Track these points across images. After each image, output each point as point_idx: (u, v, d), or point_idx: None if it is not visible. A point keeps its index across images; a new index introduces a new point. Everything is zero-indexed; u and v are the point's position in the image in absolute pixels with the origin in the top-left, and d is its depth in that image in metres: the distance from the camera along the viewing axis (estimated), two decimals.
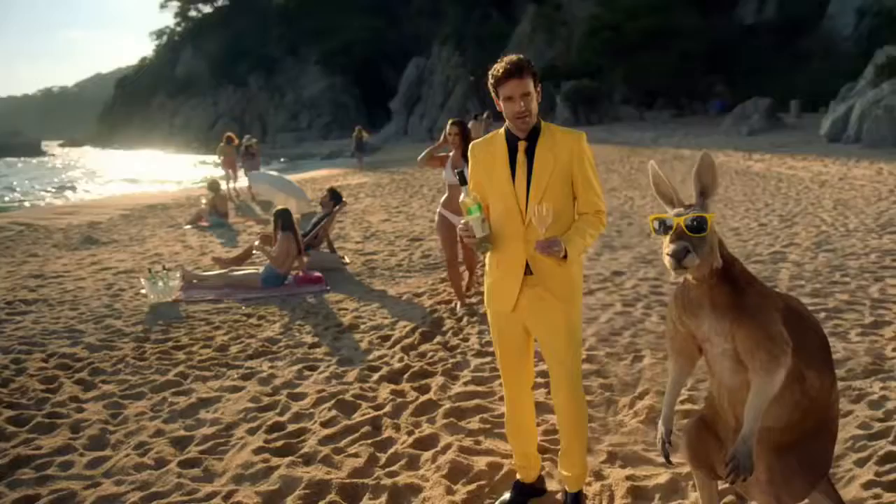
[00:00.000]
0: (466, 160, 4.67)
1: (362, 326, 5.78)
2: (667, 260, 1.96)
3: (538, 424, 3.46)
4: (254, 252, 8.11)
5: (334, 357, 5.06)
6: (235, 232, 12.03)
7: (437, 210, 6.29)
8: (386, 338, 5.40)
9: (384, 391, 4.34)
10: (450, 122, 6.20)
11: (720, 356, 2.08)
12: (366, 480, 3.23)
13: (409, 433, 3.73)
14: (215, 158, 20.22)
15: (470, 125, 6.70)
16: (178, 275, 7.18)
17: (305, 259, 7.79)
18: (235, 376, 4.78)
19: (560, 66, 45.69)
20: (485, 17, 56.59)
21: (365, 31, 64.65)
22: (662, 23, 40.66)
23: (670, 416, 2.28)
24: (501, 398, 3.83)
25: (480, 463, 3.31)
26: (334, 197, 8.70)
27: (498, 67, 2.60)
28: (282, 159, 44.99)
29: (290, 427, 3.91)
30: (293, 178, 18.56)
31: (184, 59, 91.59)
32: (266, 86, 74.94)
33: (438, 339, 5.33)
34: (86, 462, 3.62)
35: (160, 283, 6.94)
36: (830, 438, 2.16)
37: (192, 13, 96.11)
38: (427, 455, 3.46)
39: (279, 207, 7.99)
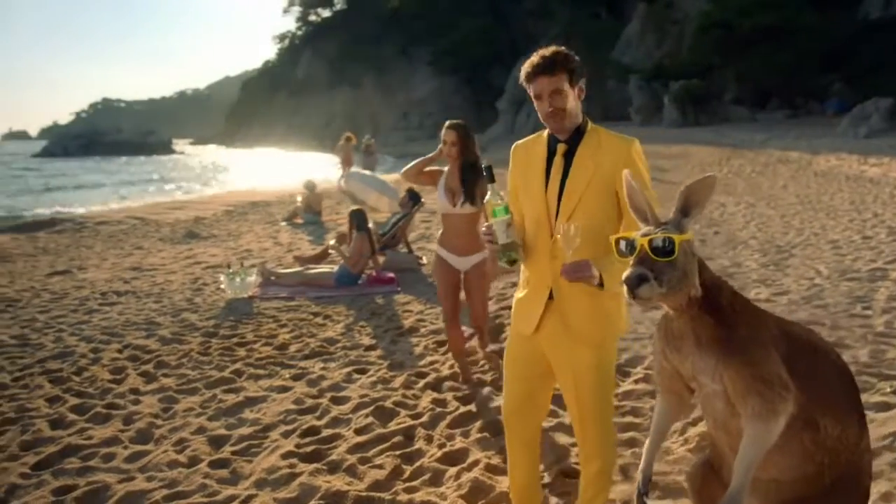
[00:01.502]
0: (468, 175, 4.25)
1: (422, 329, 5.68)
2: (623, 287, 1.67)
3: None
4: (330, 251, 8.19)
5: (386, 361, 4.98)
6: (326, 230, 12.26)
7: (435, 249, 4.67)
8: (442, 343, 5.27)
9: (426, 399, 4.21)
10: (446, 124, 4.42)
11: (711, 397, 1.78)
12: (383, 495, 3.11)
13: (441, 446, 3.59)
14: (331, 156, 20.87)
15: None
16: (254, 271, 7.34)
17: (381, 259, 7.79)
18: (287, 376, 4.79)
19: (669, 65, 43.93)
20: (594, 16, 55.40)
21: (475, 32, 64.88)
22: (777, 19, 38.17)
23: (650, 463, 1.98)
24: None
25: (503, 484, 3.11)
26: (412, 197, 8.66)
27: (528, 62, 2.32)
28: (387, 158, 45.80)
29: (325, 432, 3.85)
30: (391, 177, 18.77)
31: (303, 61, 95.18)
32: (378, 86, 76.72)
33: (493, 346, 5.14)
34: (126, 455, 3.70)
35: (237, 280, 7.12)
36: (859, 497, 1.81)
37: (312, 17, 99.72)
38: (452, 471, 3.30)
39: (354, 208, 8.02)
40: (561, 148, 2.36)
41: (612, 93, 48.74)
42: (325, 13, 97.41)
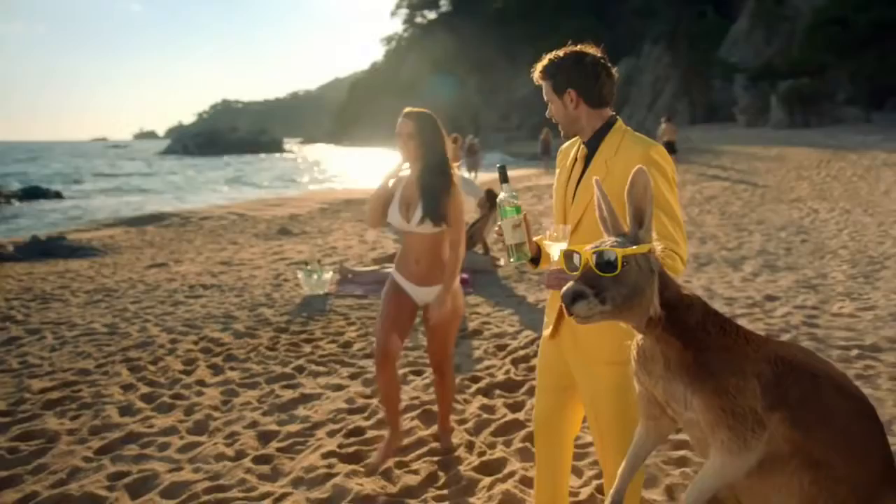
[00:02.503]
0: (429, 181, 3.20)
1: (485, 332, 5.59)
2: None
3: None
4: None
5: None
6: None
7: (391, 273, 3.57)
8: (502, 347, 5.17)
9: (474, 405, 4.13)
10: (404, 111, 3.34)
11: (689, 424, 1.61)
12: (412, 501, 3.06)
13: (480, 454, 3.50)
14: None
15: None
16: (331, 269, 7.47)
17: None
18: (345, 374, 4.83)
19: (778, 64, 41.58)
20: (700, 14, 53.25)
21: (577, 32, 63.88)
22: None
23: (620, 491, 1.80)
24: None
25: (533, 498, 2.99)
26: (491, 198, 8.56)
27: None
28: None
29: (369, 433, 3.84)
30: (486, 178, 18.77)
31: (409, 63, 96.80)
32: (481, 87, 77.01)
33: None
34: (180, 445, 3.82)
35: (314, 276, 7.27)
36: None
37: (418, 19, 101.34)
38: (486, 481, 3.21)
39: None
40: (581, 151, 2.28)
41: (718, 93, 46.77)
42: (431, 15, 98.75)
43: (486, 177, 19.03)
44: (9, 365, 5.32)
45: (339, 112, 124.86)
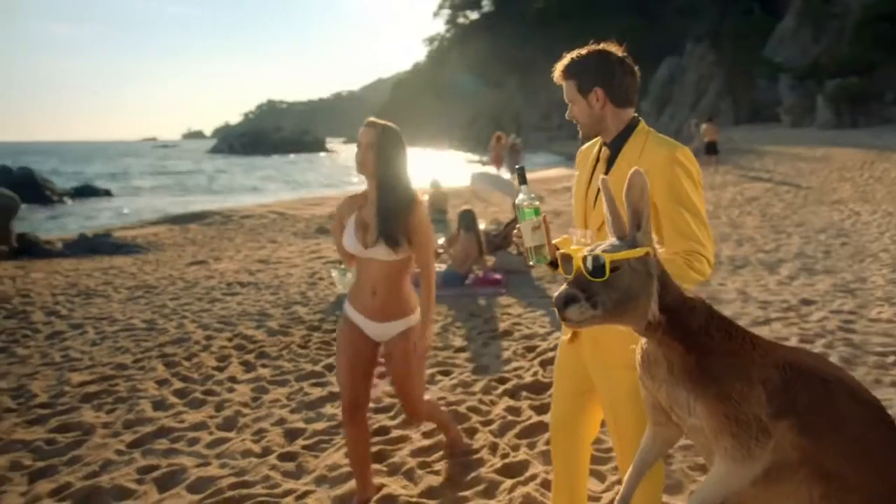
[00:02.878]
0: (387, 201, 2.83)
1: (515, 334, 5.55)
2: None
3: None
4: (439, 251, 8.22)
5: (472, 364, 4.91)
6: (451, 229, 12.36)
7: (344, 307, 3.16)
8: (531, 349, 5.12)
9: (501, 406, 4.10)
10: (366, 121, 2.95)
11: (693, 430, 1.57)
12: (432, 502, 3.05)
13: (504, 456, 3.47)
14: (472, 155, 21.75)
15: None
16: None
17: (491, 261, 7.72)
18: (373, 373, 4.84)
19: (825, 62, 40.30)
20: (745, 12, 51.93)
21: (619, 32, 63.12)
22: None
23: (626, 497, 1.77)
24: None
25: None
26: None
27: None
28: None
29: (394, 433, 3.85)
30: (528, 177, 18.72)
31: (450, 63, 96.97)
32: (522, 87, 76.74)
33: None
34: (209, 441, 3.88)
35: (348, 275, 7.31)
36: None
37: (461, 20, 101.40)
38: (507, 484, 3.18)
39: (463, 208, 8.01)
40: (604, 153, 2.22)
41: (762, 92, 45.67)
42: (473, 16, 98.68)
43: (528, 176, 18.95)
44: (52, 358, 5.48)
45: (380, 112, 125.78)
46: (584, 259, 1.50)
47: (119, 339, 5.92)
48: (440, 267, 7.59)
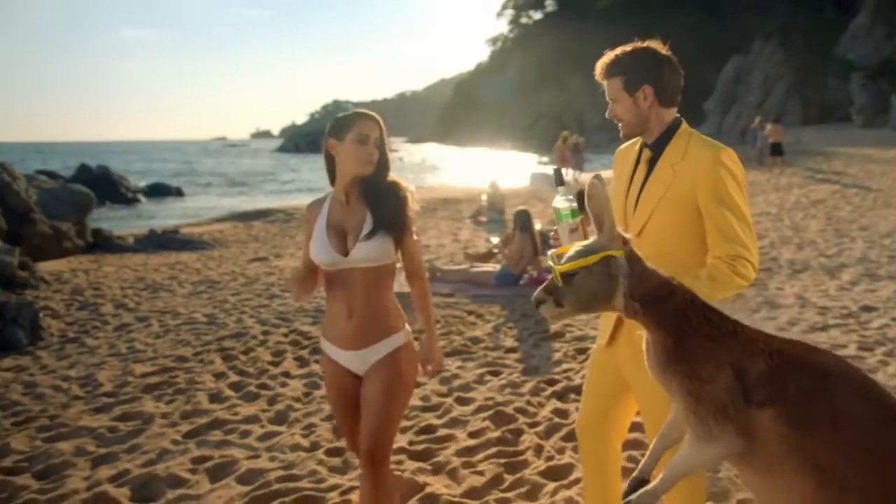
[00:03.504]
0: (377, 196, 2.46)
1: (567, 335, 5.50)
2: None
3: None
4: (494, 251, 8.21)
5: (522, 365, 4.89)
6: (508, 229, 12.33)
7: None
8: (582, 350, 5.06)
9: (548, 408, 4.07)
10: (362, 113, 2.50)
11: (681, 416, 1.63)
12: (474, 502, 3.05)
13: (548, 458, 3.45)
14: (533, 155, 21.86)
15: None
16: None
17: (546, 262, 7.67)
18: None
19: None
20: (816, 9, 49.92)
21: (685, 29, 61.81)
22: None
23: (646, 469, 1.77)
24: None
25: None
26: (580, 199, 8.42)
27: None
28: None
29: (440, 432, 3.86)
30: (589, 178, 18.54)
31: (513, 63, 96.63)
32: (585, 87, 75.84)
33: None
34: (260, 434, 3.98)
35: (403, 274, 7.37)
36: None
37: (524, 20, 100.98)
38: (550, 487, 3.15)
39: (519, 208, 7.98)
40: (645, 154, 2.19)
41: (833, 92, 43.84)
42: (537, 15, 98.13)
43: (589, 177, 18.77)
44: (118, 349, 5.71)
45: (443, 112, 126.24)
46: (552, 267, 1.69)
47: (181, 333, 6.12)
48: (495, 267, 7.58)
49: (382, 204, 2.44)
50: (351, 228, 2.43)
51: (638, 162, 2.22)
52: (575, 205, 2.14)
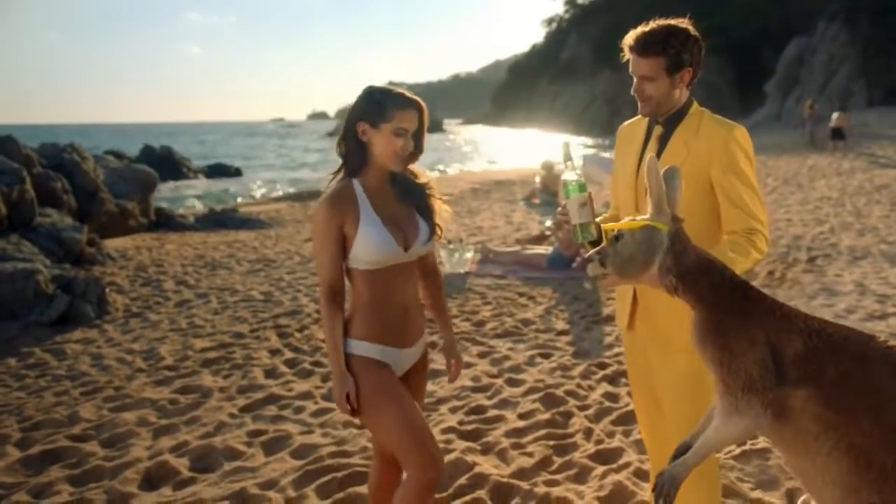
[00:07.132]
0: (413, 189, 2.27)
1: None
2: None
3: None
4: (547, 233, 8.15)
5: (573, 348, 4.87)
6: None
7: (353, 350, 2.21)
8: None
9: (599, 391, 4.05)
10: (404, 95, 2.18)
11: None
12: (522, 483, 3.06)
13: (598, 442, 3.43)
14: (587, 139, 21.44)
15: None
16: (472, 248, 7.58)
17: None
18: (474, 352, 4.89)
19: None
20: None
21: (744, 9, 59.57)
22: None
23: (698, 432, 1.73)
24: None
25: (647, 493, 2.90)
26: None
27: (630, 33, 2.11)
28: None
29: (490, 413, 3.88)
30: None
31: (568, 45, 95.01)
32: None
33: None
34: (314, 410, 4.06)
35: (456, 255, 7.41)
36: None
37: (580, 0, 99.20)
38: (599, 470, 3.14)
39: None
40: (657, 131, 2.19)
41: None
42: None
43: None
44: (179, 325, 5.90)
45: (497, 93, 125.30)
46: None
47: (238, 310, 6.28)
48: (547, 249, 7.53)
49: (417, 192, 2.28)
50: (406, 220, 2.22)
51: (647, 139, 2.20)
52: (584, 179, 2.11)
